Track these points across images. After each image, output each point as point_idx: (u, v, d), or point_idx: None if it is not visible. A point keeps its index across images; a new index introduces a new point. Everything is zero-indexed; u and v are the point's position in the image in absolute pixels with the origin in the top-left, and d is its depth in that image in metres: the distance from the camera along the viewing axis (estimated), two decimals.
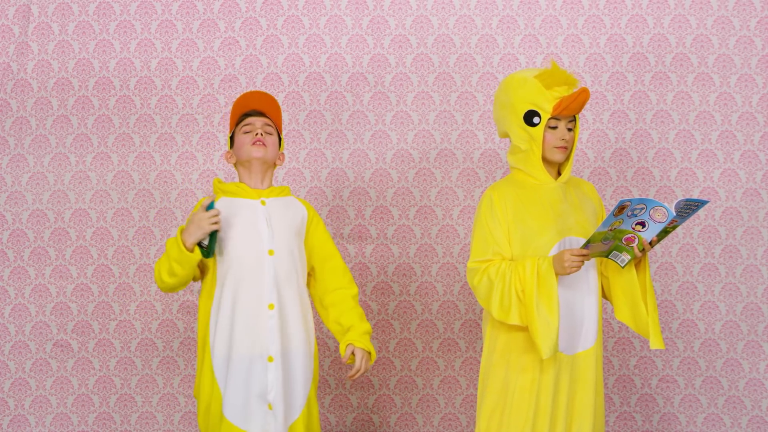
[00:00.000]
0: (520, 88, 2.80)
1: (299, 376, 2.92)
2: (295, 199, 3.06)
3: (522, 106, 2.79)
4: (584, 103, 2.78)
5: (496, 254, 2.79)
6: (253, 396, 2.88)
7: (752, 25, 3.78)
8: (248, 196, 2.96)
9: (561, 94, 2.77)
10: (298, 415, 2.92)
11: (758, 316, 3.79)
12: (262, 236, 2.91)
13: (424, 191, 3.86)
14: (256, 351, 2.87)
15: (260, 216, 2.94)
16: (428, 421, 3.88)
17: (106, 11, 3.91)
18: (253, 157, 2.95)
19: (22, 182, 3.91)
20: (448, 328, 3.86)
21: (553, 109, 2.75)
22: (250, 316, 2.88)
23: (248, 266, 2.90)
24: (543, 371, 2.78)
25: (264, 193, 2.97)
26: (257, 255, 2.90)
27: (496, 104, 2.90)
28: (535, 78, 2.78)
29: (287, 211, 2.99)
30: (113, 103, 3.91)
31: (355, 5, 3.87)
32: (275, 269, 2.90)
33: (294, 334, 2.92)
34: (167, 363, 3.90)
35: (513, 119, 2.81)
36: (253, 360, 2.87)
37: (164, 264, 2.87)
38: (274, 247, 2.91)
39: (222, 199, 2.97)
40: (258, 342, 2.87)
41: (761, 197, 3.78)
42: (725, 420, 3.80)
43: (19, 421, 3.90)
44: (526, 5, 3.84)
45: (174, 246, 2.82)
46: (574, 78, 2.79)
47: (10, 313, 3.91)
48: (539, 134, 2.77)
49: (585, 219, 2.85)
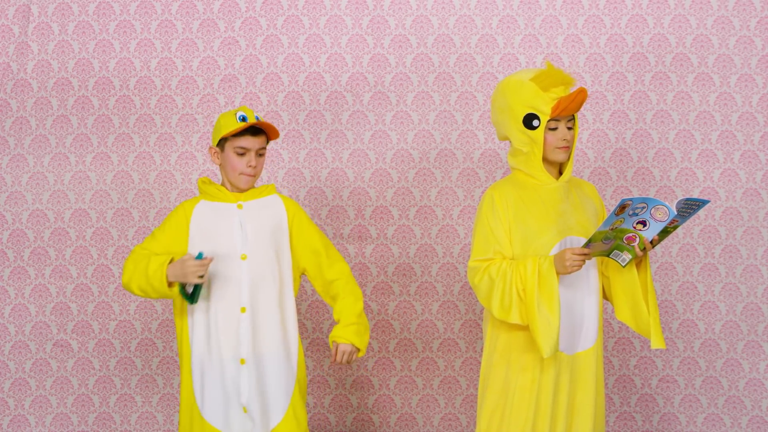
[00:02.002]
0: (517, 92, 2.79)
1: (276, 379, 2.92)
2: (278, 198, 3.04)
3: (520, 109, 2.78)
4: (582, 102, 2.77)
5: (497, 253, 2.79)
6: (228, 398, 2.90)
7: (752, 25, 3.79)
8: (226, 200, 2.97)
9: (558, 94, 2.76)
10: (280, 419, 2.92)
11: (758, 316, 3.79)
12: (235, 240, 2.93)
13: (424, 191, 3.86)
14: (229, 353, 2.90)
15: (234, 220, 2.95)
16: (428, 421, 3.88)
17: (106, 11, 3.91)
18: (240, 186, 2.97)
19: (22, 182, 3.91)
20: (448, 328, 3.86)
21: (551, 111, 2.75)
22: (224, 318, 2.90)
23: (222, 270, 2.91)
24: (543, 371, 2.78)
25: (242, 197, 2.98)
26: (230, 259, 2.91)
27: (493, 108, 2.90)
28: (531, 81, 2.77)
29: (265, 212, 2.99)
30: (113, 103, 3.91)
31: (355, 5, 3.87)
32: (249, 273, 2.91)
33: (268, 336, 2.92)
34: (167, 363, 3.90)
35: (512, 123, 2.81)
36: (227, 362, 2.90)
37: (140, 278, 2.86)
38: (247, 250, 2.92)
39: (202, 202, 2.99)
40: (231, 345, 2.89)
41: (761, 197, 3.79)
42: (725, 420, 3.80)
43: (19, 421, 3.90)
44: (526, 5, 3.84)
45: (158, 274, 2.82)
46: (570, 77, 2.78)
47: (10, 313, 3.90)
48: (540, 137, 2.77)
49: (586, 219, 2.85)
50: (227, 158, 2.94)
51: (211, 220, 2.96)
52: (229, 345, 2.90)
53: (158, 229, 3.02)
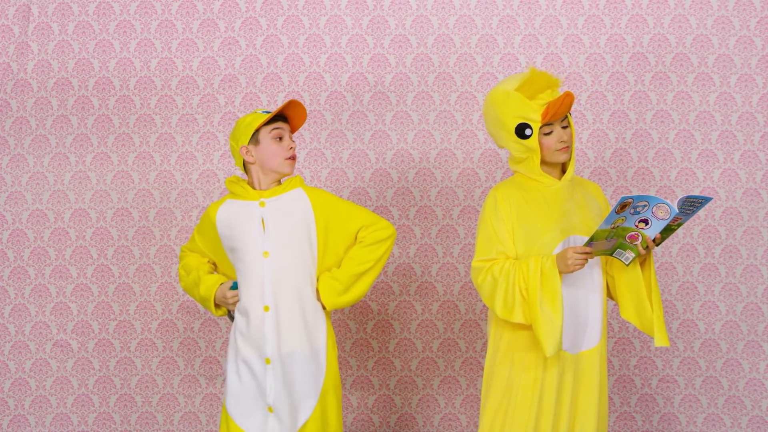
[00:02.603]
0: (504, 104, 2.78)
1: (303, 378, 2.90)
2: (301, 192, 2.99)
3: (511, 121, 2.78)
4: (570, 105, 2.77)
5: (500, 253, 2.79)
6: (252, 397, 2.89)
7: (752, 25, 3.79)
8: (249, 198, 2.96)
9: (546, 99, 2.75)
10: (308, 416, 2.90)
11: (758, 316, 3.79)
12: (257, 238, 2.92)
13: (424, 191, 3.86)
14: (254, 353, 2.90)
15: (256, 217, 2.94)
16: (428, 421, 3.87)
17: (106, 11, 3.91)
18: (284, 173, 2.96)
19: (22, 182, 3.91)
20: (448, 328, 3.86)
21: (541, 118, 2.75)
22: (250, 317, 2.90)
23: (246, 269, 2.92)
24: (546, 370, 2.78)
25: (265, 194, 2.96)
26: (253, 258, 2.91)
27: (486, 120, 2.89)
28: (516, 91, 2.77)
29: (288, 208, 2.96)
30: (113, 103, 3.91)
31: (355, 5, 3.87)
32: (271, 271, 2.90)
33: (294, 335, 2.90)
34: (167, 363, 3.90)
35: (506, 135, 2.81)
36: (253, 362, 2.89)
37: (193, 296, 3.08)
38: (270, 248, 2.91)
39: (227, 202, 3.00)
40: (256, 344, 2.89)
41: (761, 197, 3.79)
42: (725, 420, 3.80)
43: (19, 421, 3.90)
44: (526, 5, 3.84)
45: (206, 304, 3.04)
46: (555, 78, 2.77)
47: (10, 313, 3.90)
48: (535, 144, 2.77)
49: (590, 218, 2.85)
50: (265, 149, 2.92)
51: (236, 219, 2.95)
52: (254, 344, 2.89)
53: (196, 230, 3.09)
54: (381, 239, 2.97)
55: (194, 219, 3.87)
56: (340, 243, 2.98)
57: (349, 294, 2.96)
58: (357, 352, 3.87)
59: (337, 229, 2.97)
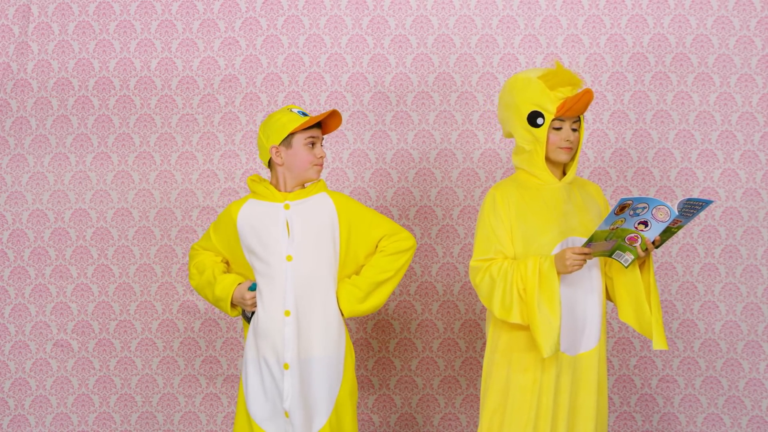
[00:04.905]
0: (523, 89, 2.79)
1: (320, 384, 2.88)
2: (326, 196, 2.98)
3: (525, 107, 2.78)
4: (588, 103, 2.77)
5: (498, 253, 2.79)
6: (272, 403, 2.88)
7: (752, 25, 3.79)
8: (274, 199, 2.94)
9: (565, 95, 2.76)
10: (323, 423, 2.89)
11: (758, 316, 3.79)
12: (281, 241, 2.89)
13: (424, 191, 3.86)
14: (273, 358, 2.87)
15: (281, 221, 2.91)
16: (428, 421, 3.87)
17: (106, 11, 3.91)
18: (311, 178, 2.94)
19: (22, 182, 3.91)
20: (448, 328, 3.86)
21: (556, 110, 2.75)
22: (269, 321, 2.87)
23: (268, 272, 2.89)
24: (545, 371, 2.78)
25: (290, 196, 2.93)
26: (275, 261, 2.88)
27: (500, 105, 2.90)
28: (539, 78, 2.77)
29: (313, 211, 2.94)
30: (113, 103, 3.91)
31: (355, 5, 3.87)
32: (294, 275, 2.87)
33: (313, 341, 2.88)
34: (167, 363, 3.90)
35: (517, 120, 2.81)
36: (271, 366, 2.87)
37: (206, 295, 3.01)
38: (293, 252, 2.88)
39: (249, 201, 2.97)
40: (274, 349, 2.87)
41: (761, 197, 3.79)
42: (725, 420, 3.80)
43: (19, 421, 3.90)
44: (526, 5, 3.84)
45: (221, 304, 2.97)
46: (579, 78, 2.78)
47: (10, 313, 3.91)
48: (543, 135, 2.77)
49: (589, 220, 2.85)
50: (296, 153, 2.90)
51: (259, 220, 2.92)
52: (273, 349, 2.86)
53: (212, 228, 3.03)
54: (402, 249, 2.97)
55: (194, 219, 3.87)
56: (361, 250, 2.97)
57: (368, 302, 2.95)
58: (357, 351, 3.87)
59: (359, 235, 2.96)
